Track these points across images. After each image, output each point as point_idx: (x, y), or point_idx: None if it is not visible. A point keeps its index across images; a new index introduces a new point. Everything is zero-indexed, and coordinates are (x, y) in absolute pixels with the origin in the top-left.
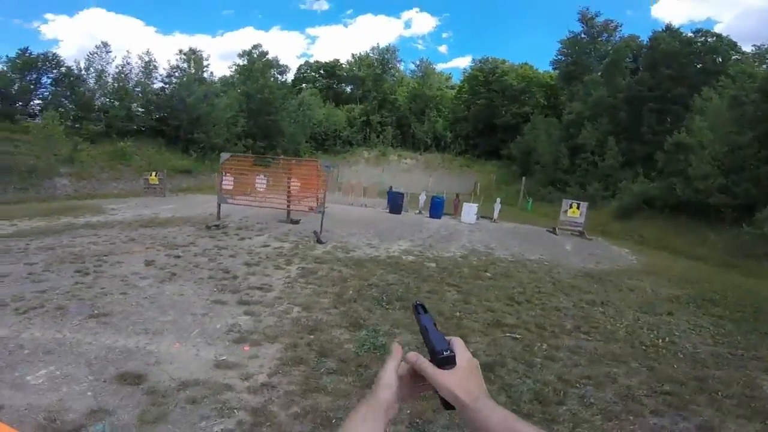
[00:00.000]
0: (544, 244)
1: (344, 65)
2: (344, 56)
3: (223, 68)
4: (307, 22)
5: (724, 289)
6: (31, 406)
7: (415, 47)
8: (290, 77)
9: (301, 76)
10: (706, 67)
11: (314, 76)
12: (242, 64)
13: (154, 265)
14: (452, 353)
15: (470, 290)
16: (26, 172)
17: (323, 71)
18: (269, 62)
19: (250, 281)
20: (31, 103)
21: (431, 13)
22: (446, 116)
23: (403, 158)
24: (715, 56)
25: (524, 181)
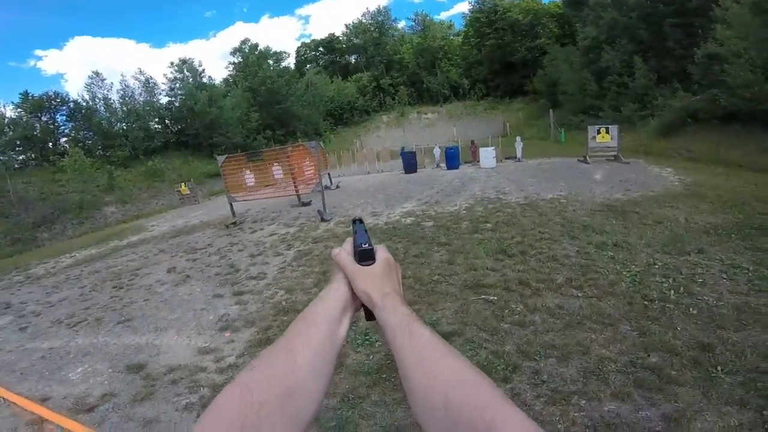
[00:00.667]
0: (569, 177)
1: (341, 38)
2: (342, 28)
3: (224, 69)
4: (294, 3)
5: None
6: (68, 395)
7: (411, 2)
8: (292, 62)
9: (302, 58)
10: None
11: (315, 55)
12: (237, 61)
13: (174, 270)
14: (371, 246)
15: (461, 247)
16: (77, 207)
17: (322, 48)
18: (263, 53)
19: (249, 272)
20: (59, 141)
21: None
22: (458, 64)
23: (423, 114)
24: None
25: (552, 113)
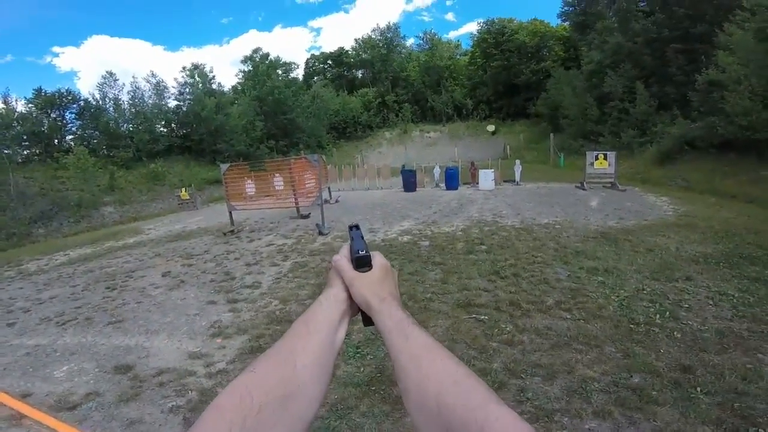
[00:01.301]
0: (565, 203)
1: (350, 52)
2: (352, 42)
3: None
4: (307, 15)
5: None
6: (50, 392)
7: (420, 20)
8: (300, 73)
9: (310, 70)
10: (722, 1)
11: (323, 67)
12: (247, 69)
13: (169, 275)
14: (368, 253)
15: (455, 268)
16: (75, 205)
17: (330, 61)
18: (273, 63)
19: (245, 281)
20: (64, 139)
21: None
22: (463, 84)
23: (425, 132)
24: None
25: (552, 137)
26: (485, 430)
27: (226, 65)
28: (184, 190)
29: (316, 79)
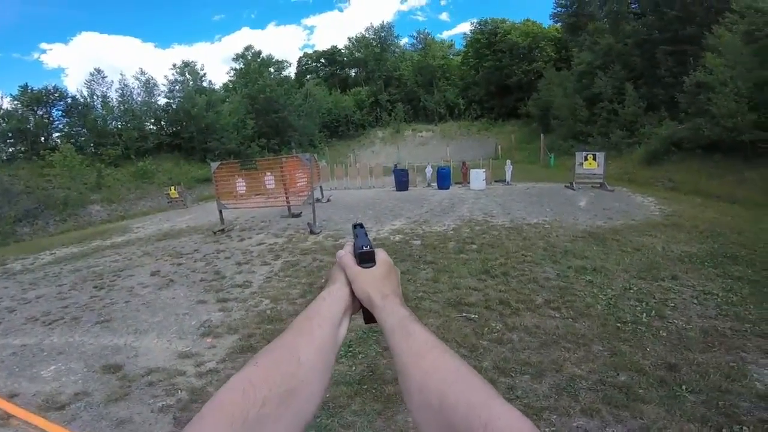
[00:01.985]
0: (554, 203)
1: (343, 50)
2: (346, 41)
3: (225, 74)
4: (301, 13)
5: (755, 240)
6: (38, 392)
7: (415, 20)
8: (293, 71)
9: (303, 68)
10: (712, 4)
11: (316, 66)
12: (239, 67)
13: (158, 274)
14: (372, 249)
15: (446, 267)
16: (61, 204)
17: (324, 60)
18: (265, 61)
19: (235, 280)
20: (51, 136)
21: None
22: (456, 84)
23: (418, 132)
24: None
25: (542, 137)
26: (489, 428)
27: (217, 63)
28: (173, 188)
29: (308, 77)
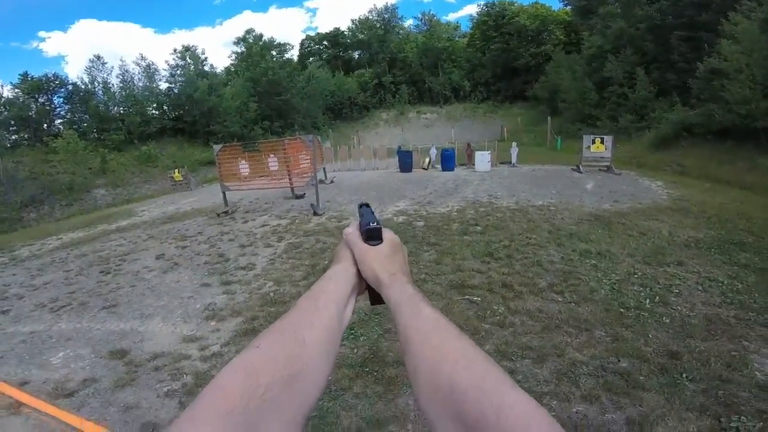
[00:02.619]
0: (560, 185)
1: (346, 32)
2: (348, 23)
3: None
4: None
5: (764, 227)
6: (47, 379)
7: (420, 1)
8: (295, 54)
9: (305, 51)
10: None
11: (319, 48)
12: (240, 51)
13: (163, 257)
14: (379, 226)
15: (449, 248)
16: (66, 189)
17: (326, 42)
18: (266, 44)
19: (239, 262)
20: (53, 123)
21: None
22: (461, 66)
23: (422, 114)
24: None
25: (550, 120)
26: (501, 414)
27: (219, 47)
28: (177, 171)
29: (311, 59)
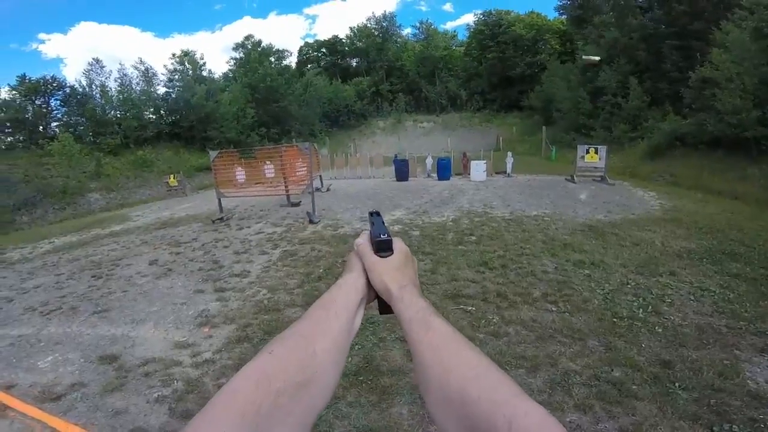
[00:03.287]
0: (555, 196)
1: (344, 40)
2: (346, 31)
3: (225, 63)
4: (302, 2)
5: (754, 238)
6: (35, 383)
7: (418, 10)
8: (293, 61)
9: (303, 58)
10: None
11: (317, 55)
12: (239, 56)
13: (156, 263)
14: (389, 238)
15: (444, 258)
16: (60, 192)
17: (325, 49)
18: (265, 50)
19: (233, 269)
20: (49, 126)
21: None
22: (458, 75)
23: (419, 122)
24: None
25: (545, 130)
26: (513, 425)
27: (218, 52)
28: (172, 176)
29: (309, 66)
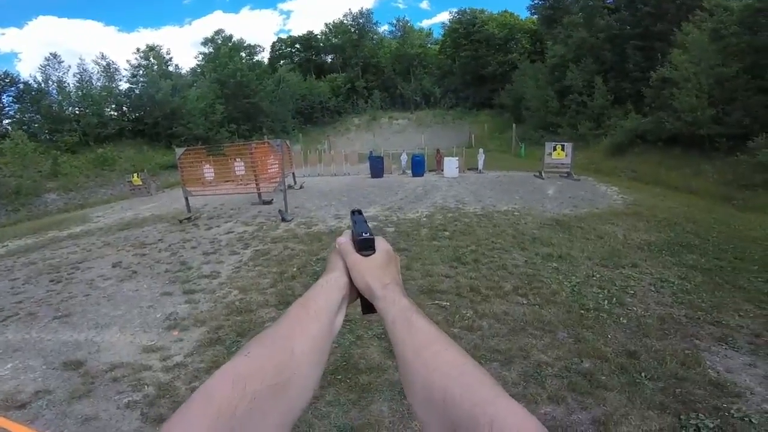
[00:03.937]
0: (523, 191)
1: (320, 36)
2: (322, 27)
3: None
4: None
5: (708, 230)
6: None
7: (395, 7)
8: (266, 56)
9: (277, 53)
10: (684, 1)
11: (290, 51)
12: (208, 51)
13: (120, 265)
14: (372, 236)
15: (419, 254)
16: (13, 193)
17: (299, 45)
18: (236, 45)
19: (202, 270)
20: (1, 123)
21: None
22: (433, 72)
23: (394, 119)
24: None
25: (515, 127)
26: (495, 425)
27: (186, 47)
28: (136, 175)
29: (282, 63)
